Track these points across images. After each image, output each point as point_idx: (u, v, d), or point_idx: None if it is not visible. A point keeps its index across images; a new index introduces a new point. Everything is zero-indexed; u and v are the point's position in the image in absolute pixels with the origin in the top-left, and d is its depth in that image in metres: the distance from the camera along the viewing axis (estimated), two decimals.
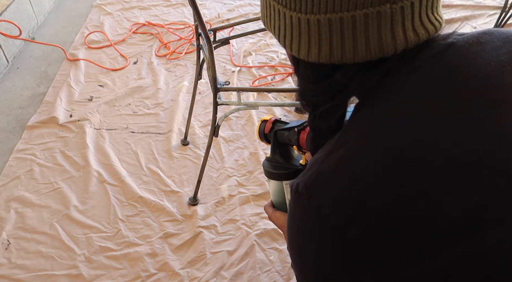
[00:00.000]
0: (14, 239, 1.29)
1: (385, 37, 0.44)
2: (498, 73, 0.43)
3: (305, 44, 0.47)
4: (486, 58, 0.45)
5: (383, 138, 0.43)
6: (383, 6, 0.42)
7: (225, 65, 2.10)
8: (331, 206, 0.42)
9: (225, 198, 1.41)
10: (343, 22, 0.43)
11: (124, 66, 2.08)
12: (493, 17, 2.43)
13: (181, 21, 2.47)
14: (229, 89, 1.21)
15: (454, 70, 0.44)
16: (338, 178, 0.43)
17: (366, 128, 0.45)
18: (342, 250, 0.43)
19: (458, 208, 0.38)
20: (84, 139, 1.64)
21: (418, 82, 0.44)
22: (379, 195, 0.40)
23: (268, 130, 0.91)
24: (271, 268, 1.20)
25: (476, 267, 0.38)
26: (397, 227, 0.39)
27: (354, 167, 0.43)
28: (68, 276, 1.19)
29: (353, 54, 0.45)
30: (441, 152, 0.40)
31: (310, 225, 0.46)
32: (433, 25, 0.45)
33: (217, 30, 1.28)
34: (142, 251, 1.25)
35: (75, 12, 2.60)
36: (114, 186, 1.45)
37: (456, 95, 0.42)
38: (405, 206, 0.39)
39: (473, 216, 0.38)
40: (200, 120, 1.75)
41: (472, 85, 0.43)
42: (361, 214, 0.41)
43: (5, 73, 2.02)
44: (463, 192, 0.38)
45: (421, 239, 0.39)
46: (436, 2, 0.45)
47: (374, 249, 0.41)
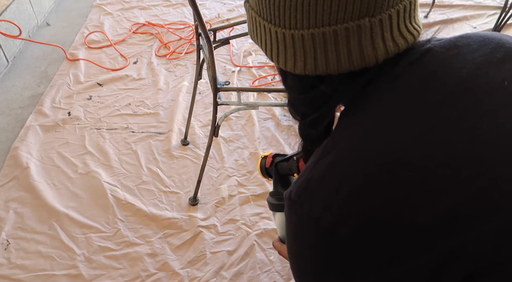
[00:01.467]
0: (13, 239, 1.29)
1: (366, 48, 0.46)
2: (474, 75, 0.46)
3: (291, 58, 0.50)
4: (462, 62, 0.47)
5: (366, 144, 0.45)
6: (362, 20, 0.45)
7: (225, 65, 2.10)
8: (321, 209, 0.45)
9: (225, 198, 1.41)
10: (325, 36, 0.46)
11: (124, 66, 2.08)
12: (493, 17, 2.43)
13: (181, 21, 2.47)
14: (229, 89, 1.21)
15: (431, 75, 0.46)
16: (326, 184, 0.46)
17: (350, 135, 0.48)
18: (335, 252, 0.45)
19: (440, 207, 0.40)
20: (83, 139, 1.64)
21: (398, 89, 0.47)
22: (364, 198, 0.42)
23: (269, 164, 0.96)
24: (271, 268, 1.20)
25: (461, 263, 0.39)
26: (383, 228, 0.41)
27: (341, 172, 0.45)
28: (68, 276, 1.19)
29: (337, 65, 0.48)
30: (420, 155, 0.41)
31: (303, 230, 0.48)
32: (411, 34, 0.49)
33: (217, 30, 1.28)
34: (142, 251, 1.25)
35: (75, 12, 2.60)
36: (113, 186, 1.45)
37: (433, 100, 0.44)
38: (389, 208, 0.41)
39: (454, 214, 0.39)
40: (200, 120, 1.75)
41: (449, 88, 0.45)
42: (349, 216, 0.43)
43: (5, 73, 2.02)
44: (443, 192, 0.40)
45: (407, 238, 0.41)
46: (413, 12, 0.48)
47: (364, 249, 0.43)
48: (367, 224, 0.42)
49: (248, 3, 0.54)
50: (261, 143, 1.63)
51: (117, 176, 1.49)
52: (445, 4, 2.60)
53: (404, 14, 0.47)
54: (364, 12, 0.44)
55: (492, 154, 0.41)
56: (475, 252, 0.39)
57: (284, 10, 0.47)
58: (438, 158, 0.41)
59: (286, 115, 1.77)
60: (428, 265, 0.41)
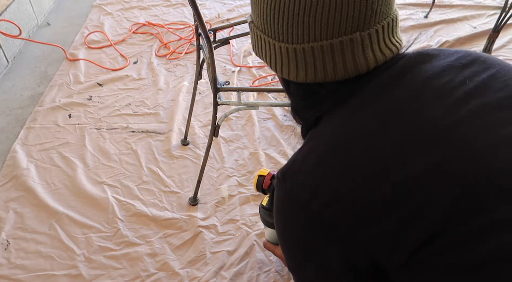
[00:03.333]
0: (13, 239, 1.29)
1: (358, 58, 0.55)
2: (438, 75, 0.54)
3: (293, 69, 0.58)
4: (430, 66, 0.56)
5: (341, 132, 0.54)
6: (354, 34, 0.54)
7: (225, 65, 2.10)
8: (300, 186, 0.54)
9: (225, 198, 1.41)
10: (323, 49, 0.55)
11: (124, 66, 2.08)
12: (493, 17, 2.43)
13: (181, 21, 2.47)
14: (229, 89, 1.21)
15: (402, 76, 0.55)
16: (306, 165, 0.55)
17: (331, 126, 0.57)
18: (310, 224, 0.53)
19: (398, 179, 0.47)
20: (83, 139, 1.64)
21: (373, 89, 0.56)
22: (335, 177, 0.51)
23: (267, 186, 1.03)
24: (271, 268, 1.19)
25: (418, 228, 0.46)
26: (349, 200, 0.50)
27: (318, 155, 0.55)
28: (68, 276, 1.19)
29: (334, 74, 0.56)
30: (384, 137, 0.51)
31: (286, 205, 0.57)
32: (395, 46, 0.58)
33: (217, 30, 1.28)
34: (142, 251, 1.25)
35: (75, 12, 2.60)
36: (113, 186, 1.45)
37: (402, 94, 0.54)
38: (354, 184, 0.50)
39: (411, 185, 0.47)
40: (200, 120, 1.75)
41: (415, 86, 0.54)
42: (322, 192, 0.52)
43: (5, 73, 2.02)
44: (402, 166, 0.48)
45: (370, 207, 0.48)
46: (395, 28, 0.58)
47: (333, 218, 0.51)
48: (337, 198, 0.50)
49: (253, 23, 0.61)
50: (261, 143, 1.63)
51: (117, 176, 1.49)
52: (445, 4, 2.60)
53: (388, 29, 0.57)
54: (355, 28, 0.53)
55: (446, 136, 0.48)
56: (430, 218, 0.46)
57: (287, 28, 0.55)
58: (399, 139, 0.50)
59: (286, 115, 1.77)
60: (389, 230, 0.48)
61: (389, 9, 0.56)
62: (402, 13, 2.52)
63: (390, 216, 0.47)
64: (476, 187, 0.45)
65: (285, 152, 1.58)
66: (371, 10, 0.53)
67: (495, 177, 0.45)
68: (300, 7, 0.53)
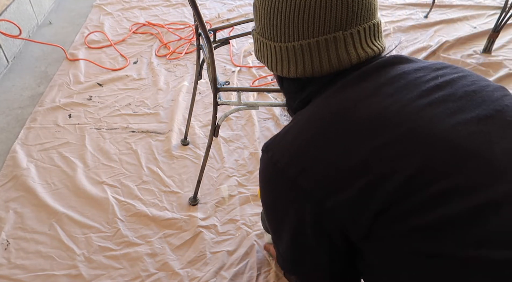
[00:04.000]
0: (13, 239, 1.28)
1: (341, 54, 0.63)
2: (412, 71, 0.61)
3: (286, 65, 0.67)
4: (406, 66, 0.63)
5: (322, 108, 0.61)
6: (337, 33, 0.62)
7: (225, 65, 2.10)
8: (280, 154, 0.60)
9: (225, 198, 1.41)
10: (310, 46, 0.63)
11: (124, 66, 2.08)
12: (493, 17, 2.43)
13: (181, 21, 2.47)
14: (229, 89, 1.21)
15: (377, 70, 0.63)
16: (286, 136, 0.62)
17: (312, 105, 0.64)
18: (288, 187, 0.59)
19: (362, 152, 0.54)
20: (83, 139, 1.64)
21: (353, 77, 0.62)
22: (313, 145, 0.58)
23: None
24: (271, 268, 1.19)
25: (377, 196, 0.52)
26: (323, 166, 0.56)
27: (299, 127, 0.62)
28: (68, 276, 1.19)
29: (320, 68, 0.64)
30: (359, 114, 0.57)
31: (267, 172, 0.63)
32: (377, 48, 0.65)
33: (217, 30, 1.28)
34: (142, 251, 1.25)
35: (75, 12, 2.60)
36: (113, 186, 1.45)
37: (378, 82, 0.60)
38: (329, 151, 0.56)
39: (377, 154, 0.53)
40: (200, 120, 1.75)
41: (390, 76, 0.61)
42: (299, 158, 0.58)
43: (5, 73, 2.02)
44: (369, 138, 0.54)
45: (337, 175, 0.55)
46: (377, 33, 0.66)
47: (307, 183, 0.57)
48: (311, 165, 0.56)
49: (255, 30, 0.72)
50: (261, 143, 1.63)
51: (117, 176, 1.49)
52: (445, 4, 2.60)
53: (370, 32, 0.64)
54: (338, 27, 0.62)
55: (414, 117, 0.55)
56: (392, 184, 0.51)
57: (280, 28, 0.64)
58: (370, 116, 0.56)
59: (286, 115, 1.77)
60: (353, 197, 0.53)
61: (371, 14, 0.64)
62: (402, 13, 2.52)
63: (355, 183, 0.53)
64: (434, 159, 0.52)
65: None
66: (352, 12, 0.61)
67: (451, 152, 0.52)
68: (291, 9, 0.62)
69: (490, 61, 2.05)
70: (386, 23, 2.40)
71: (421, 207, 0.51)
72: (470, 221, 0.49)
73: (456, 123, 0.54)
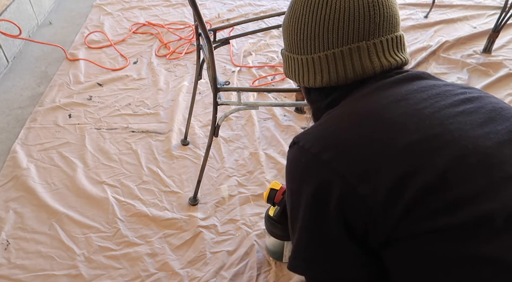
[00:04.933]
0: (13, 239, 1.28)
1: (365, 63, 0.67)
2: (442, 85, 0.64)
3: (312, 75, 0.71)
4: (435, 80, 0.66)
5: (353, 108, 0.63)
6: (360, 43, 0.66)
7: (225, 65, 2.10)
8: (312, 142, 0.61)
9: (225, 198, 1.41)
10: (335, 55, 0.67)
11: (124, 66, 2.08)
12: (493, 17, 2.43)
13: (181, 21, 2.47)
14: (229, 89, 1.21)
15: (410, 79, 0.65)
16: (318, 128, 0.64)
17: (342, 106, 0.66)
18: (320, 169, 0.59)
19: (403, 141, 0.55)
20: (83, 139, 1.64)
21: (384, 83, 0.65)
22: (346, 134, 0.59)
23: (279, 201, 1.08)
24: (271, 268, 1.19)
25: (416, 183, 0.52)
26: (356, 153, 0.57)
27: (330, 122, 0.64)
28: (68, 276, 1.19)
29: (345, 76, 0.68)
30: (395, 111, 0.59)
31: (296, 158, 0.63)
32: (400, 58, 0.68)
33: (217, 30, 1.28)
34: (142, 251, 1.25)
35: (75, 12, 2.60)
36: (113, 186, 1.45)
37: (408, 88, 0.63)
38: (356, 145, 0.57)
39: (411, 148, 0.54)
40: (200, 120, 1.75)
41: (420, 85, 0.64)
42: (333, 144, 0.59)
43: (5, 73, 2.02)
44: (406, 131, 0.56)
45: (373, 161, 0.56)
46: (400, 45, 0.69)
47: (341, 167, 0.57)
48: (341, 152, 0.57)
49: (283, 49, 0.78)
50: (261, 143, 1.63)
51: (117, 176, 1.49)
52: (445, 4, 2.60)
53: (393, 43, 0.68)
54: (362, 37, 0.66)
55: (445, 120, 0.57)
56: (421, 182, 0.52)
57: (306, 41, 0.69)
58: (405, 114, 0.58)
59: (286, 115, 1.77)
60: (385, 188, 0.53)
61: (393, 27, 0.68)
62: (402, 13, 2.52)
63: (390, 173, 0.54)
64: (466, 160, 0.53)
65: (285, 152, 1.58)
66: (374, 24, 0.65)
67: (482, 156, 0.53)
68: (316, 22, 0.67)
69: (490, 61, 2.05)
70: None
71: (452, 206, 0.51)
72: (507, 225, 0.50)
73: (488, 132, 0.56)
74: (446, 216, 0.51)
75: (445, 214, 0.51)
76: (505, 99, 1.84)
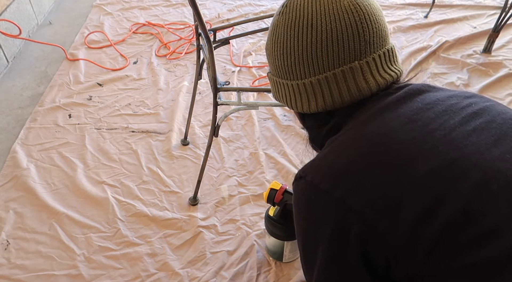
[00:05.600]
0: (13, 239, 1.28)
1: (360, 83, 0.63)
2: (445, 99, 0.61)
3: (305, 101, 0.67)
4: (436, 93, 0.63)
5: (357, 136, 0.59)
6: (353, 63, 0.62)
7: (225, 65, 2.10)
8: (321, 177, 0.57)
9: (225, 198, 1.41)
10: (328, 79, 0.63)
11: (124, 66, 2.08)
12: (493, 17, 2.43)
13: (181, 21, 2.47)
14: (229, 89, 1.21)
15: (411, 96, 0.62)
16: (326, 160, 0.60)
17: (347, 132, 0.62)
18: (333, 208, 0.55)
19: (419, 170, 0.51)
20: (83, 139, 1.64)
21: (386, 103, 0.61)
22: (357, 167, 0.55)
23: (279, 201, 1.08)
24: (271, 268, 1.19)
25: (442, 213, 0.49)
26: (371, 188, 0.53)
27: (337, 151, 0.59)
28: (68, 276, 1.19)
29: (341, 99, 0.64)
30: (404, 137, 0.55)
31: (305, 195, 0.59)
32: (394, 72, 0.66)
33: (217, 30, 1.28)
34: (142, 251, 1.25)
35: (75, 12, 2.60)
36: (113, 186, 1.45)
37: (413, 106, 0.60)
38: (370, 177, 0.54)
39: (429, 177, 0.51)
40: (200, 120, 1.75)
41: (425, 102, 0.60)
42: (345, 179, 0.55)
43: (5, 73, 2.02)
44: (421, 159, 0.52)
45: (395, 194, 0.52)
46: (392, 58, 0.66)
47: (358, 204, 0.53)
48: (356, 188, 0.53)
49: (270, 72, 0.73)
50: (261, 143, 1.63)
51: (117, 176, 1.49)
52: (445, 4, 2.60)
53: (385, 58, 0.64)
54: (353, 58, 0.62)
55: (459, 143, 0.53)
56: (447, 212, 0.49)
57: (294, 67, 0.65)
58: (416, 138, 0.54)
59: (286, 115, 1.77)
60: (408, 224, 0.50)
61: (383, 41, 0.65)
62: (402, 13, 2.52)
63: (411, 207, 0.50)
64: (487, 187, 0.50)
65: (285, 152, 1.58)
66: (364, 42, 0.62)
67: (504, 181, 0.50)
68: (303, 47, 0.63)
69: (490, 61, 2.05)
70: (386, 23, 2.40)
71: (478, 240, 0.48)
72: None
73: (503, 152, 0.53)
74: (473, 251, 0.48)
75: (472, 249, 0.48)
76: (505, 99, 1.84)
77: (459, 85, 1.93)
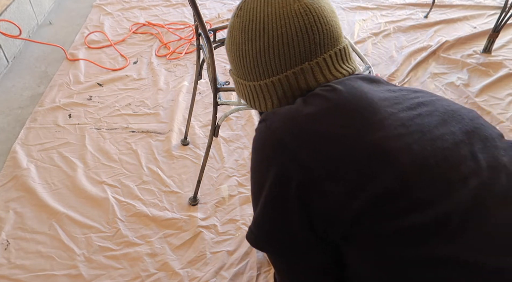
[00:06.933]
0: (13, 239, 1.28)
1: (311, 82, 0.67)
2: (394, 89, 0.66)
3: (263, 101, 0.72)
4: (385, 84, 0.68)
5: (320, 97, 0.63)
6: (303, 64, 0.66)
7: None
8: (279, 123, 0.61)
9: (225, 198, 1.41)
10: (281, 81, 0.68)
11: (124, 66, 2.08)
12: (493, 17, 2.43)
13: (181, 21, 2.47)
14: (229, 89, 1.21)
15: (363, 79, 0.66)
16: (289, 109, 0.63)
17: (312, 96, 0.65)
18: (279, 145, 0.60)
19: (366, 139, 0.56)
20: (83, 139, 1.64)
21: (339, 81, 0.66)
22: (314, 124, 0.59)
23: None
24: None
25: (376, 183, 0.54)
26: (322, 148, 0.57)
27: (297, 106, 0.63)
28: (68, 276, 1.19)
29: (293, 97, 0.68)
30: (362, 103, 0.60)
31: (261, 137, 0.63)
32: (346, 70, 0.69)
33: (217, 30, 1.28)
34: (142, 251, 1.25)
35: (75, 12, 2.60)
36: (113, 186, 1.45)
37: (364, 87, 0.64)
38: (330, 134, 0.58)
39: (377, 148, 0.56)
40: (200, 120, 1.75)
41: (376, 85, 0.66)
42: (300, 132, 0.59)
43: (5, 73, 2.02)
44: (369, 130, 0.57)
45: (338, 159, 0.56)
46: (345, 56, 0.70)
47: (306, 157, 0.57)
48: (314, 144, 0.57)
49: (231, 70, 0.77)
50: None
51: (117, 176, 1.49)
52: (445, 4, 2.60)
53: (336, 57, 0.68)
54: (304, 59, 0.66)
55: (406, 122, 0.58)
56: (380, 184, 0.54)
57: (250, 69, 0.70)
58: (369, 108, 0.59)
59: None
60: (346, 186, 0.55)
61: (335, 41, 0.68)
62: (402, 13, 2.52)
63: (355, 167, 0.55)
64: (426, 161, 0.55)
65: None
66: (314, 44, 0.65)
67: (441, 157, 0.56)
68: (257, 51, 0.67)
69: (490, 61, 2.05)
70: (386, 23, 2.40)
71: (411, 208, 0.53)
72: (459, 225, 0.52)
73: (443, 133, 0.58)
74: (405, 218, 0.52)
75: (404, 216, 0.53)
76: (505, 99, 1.84)
77: (459, 85, 1.93)
